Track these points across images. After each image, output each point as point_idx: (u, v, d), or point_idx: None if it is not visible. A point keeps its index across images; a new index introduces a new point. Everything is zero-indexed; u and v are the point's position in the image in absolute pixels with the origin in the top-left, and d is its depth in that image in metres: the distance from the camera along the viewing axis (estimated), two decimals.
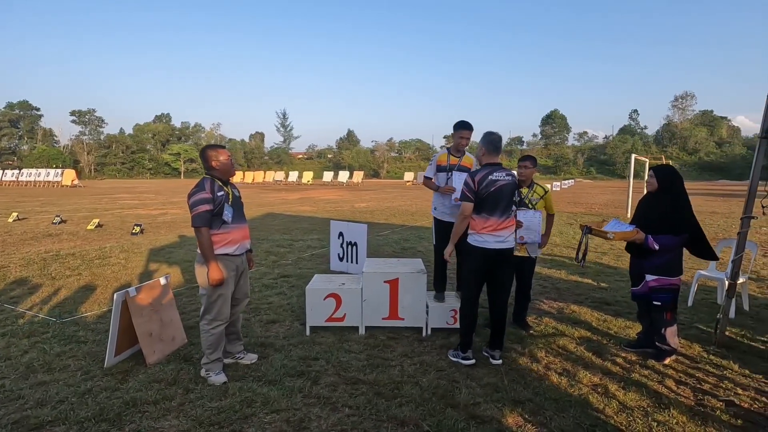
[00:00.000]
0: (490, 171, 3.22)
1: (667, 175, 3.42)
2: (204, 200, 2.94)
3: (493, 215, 3.21)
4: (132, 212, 14.72)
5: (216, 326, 3.07)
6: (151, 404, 2.73)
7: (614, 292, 5.35)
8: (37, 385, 2.96)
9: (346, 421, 2.60)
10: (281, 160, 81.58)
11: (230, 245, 3.08)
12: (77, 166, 62.25)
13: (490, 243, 3.24)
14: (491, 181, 3.19)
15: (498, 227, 3.23)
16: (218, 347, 3.10)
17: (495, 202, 3.20)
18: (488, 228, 3.23)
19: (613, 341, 3.82)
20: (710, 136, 73.60)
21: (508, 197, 3.26)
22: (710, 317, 4.32)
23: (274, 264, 6.74)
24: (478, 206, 3.25)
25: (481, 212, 3.24)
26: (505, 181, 3.23)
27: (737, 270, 3.74)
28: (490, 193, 3.19)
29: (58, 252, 7.57)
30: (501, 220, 3.23)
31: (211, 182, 3.04)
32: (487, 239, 3.24)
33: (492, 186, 3.19)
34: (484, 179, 3.19)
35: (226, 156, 3.11)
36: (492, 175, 3.20)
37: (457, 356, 3.39)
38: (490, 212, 3.21)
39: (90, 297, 5.00)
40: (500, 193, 3.21)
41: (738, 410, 2.73)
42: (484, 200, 3.21)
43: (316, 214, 14.59)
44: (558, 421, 2.60)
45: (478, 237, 3.26)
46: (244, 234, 3.21)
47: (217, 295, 3.03)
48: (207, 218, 2.95)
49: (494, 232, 3.23)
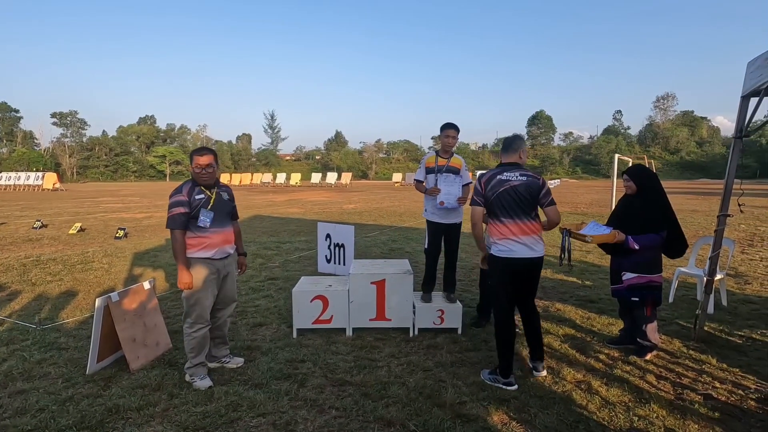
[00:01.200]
0: (500, 171, 3.02)
1: (643, 176, 3.50)
2: (179, 203, 2.95)
3: (508, 218, 2.95)
4: (116, 216, 14.47)
5: (197, 329, 3.05)
6: (135, 410, 2.69)
7: (598, 290, 5.45)
8: (16, 394, 2.90)
9: (333, 422, 2.60)
10: (269, 161, 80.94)
11: (208, 249, 3.04)
12: (59, 169, 60.92)
13: (516, 252, 2.95)
14: (500, 181, 2.96)
15: (519, 233, 2.95)
16: (201, 351, 3.08)
17: (506, 203, 2.95)
18: (507, 234, 2.96)
19: (596, 338, 3.89)
20: (691, 136, 75.24)
21: (524, 198, 2.95)
22: (690, 313, 4.43)
23: (261, 267, 6.69)
24: (489, 210, 3.03)
25: (493, 217, 3.01)
26: (518, 181, 2.95)
27: (715, 267, 3.84)
28: (499, 193, 2.96)
29: (38, 257, 7.41)
30: (520, 224, 2.95)
31: (191, 185, 3.03)
32: (512, 247, 2.95)
33: (501, 186, 2.96)
34: (491, 179, 2.99)
35: (203, 161, 3.00)
36: (501, 175, 2.98)
37: (496, 380, 3.04)
38: (503, 215, 2.97)
39: (72, 303, 4.90)
40: (512, 193, 2.95)
41: (716, 403, 2.81)
42: (493, 203, 2.98)
43: (304, 215, 14.52)
44: (542, 418, 2.64)
45: (501, 246, 2.98)
46: (226, 238, 3.15)
47: (195, 298, 3.03)
48: (180, 221, 2.95)
49: (517, 237, 2.95)
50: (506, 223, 2.97)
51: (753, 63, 3.37)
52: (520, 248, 2.96)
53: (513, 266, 2.99)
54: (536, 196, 2.98)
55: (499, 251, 3.00)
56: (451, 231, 4.13)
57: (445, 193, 3.97)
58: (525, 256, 2.96)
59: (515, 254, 2.96)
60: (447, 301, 4.13)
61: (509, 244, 2.97)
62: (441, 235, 4.12)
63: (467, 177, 4.20)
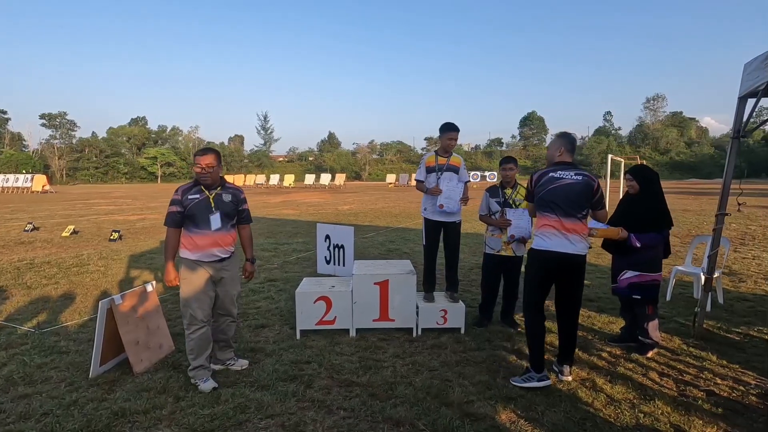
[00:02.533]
0: (554, 169, 3.01)
1: (647, 175, 3.54)
2: (173, 202, 3.03)
3: (553, 213, 2.95)
4: (108, 218, 14.31)
5: (192, 330, 3.04)
6: (141, 414, 2.67)
7: (596, 288, 5.50)
8: (18, 398, 2.86)
9: (342, 423, 2.60)
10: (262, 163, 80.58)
11: (193, 251, 3.04)
12: (48, 171, 60.05)
13: (553, 245, 2.93)
14: (551, 178, 2.97)
15: (561, 227, 2.93)
16: (201, 353, 3.04)
17: (554, 200, 2.94)
18: (548, 227, 2.97)
19: (598, 336, 3.93)
20: (680, 137, 76.26)
21: (575, 197, 2.94)
22: (688, 311, 4.49)
23: (260, 268, 6.66)
24: (537, 205, 3.06)
25: (540, 210, 3.04)
26: (572, 180, 2.95)
27: (714, 265, 3.90)
28: (548, 190, 2.96)
29: (32, 260, 7.31)
30: (564, 221, 2.93)
31: (187, 186, 3.07)
32: (549, 242, 2.95)
33: (551, 183, 2.96)
34: (542, 177, 3.01)
35: (203, 161, 2.99)
36: (555, 173, 2.99)
37: (530, 379, 2.98)
38: (549, 210, 2.97)
39: (70, 306, 4.85)
40: (562, 191, 2.94)
41: (718, 399, 2.86)
42: (541, 198, 3.00)
43: (300, 217, 14.48)
44: (549, 415, 2.67)
45: (538, 239, 3.00)
46: (215, 241, 3.06)
47: (184, 298, 3.05)
48: (174, 219, 3.01)
49: (557, 231, 2.94)
50: (550, 218, 2.97)
51: (750, 65, 3.44)
52: (556, 242, 2.94)
53: (546, 260, 2.98)
54: (586, 196, 2.99)
55: (536, 244, 3.02)
56: (449, 229, 4.15)
57: (445, 197, 3.99)
58: (560, 250, 2.94)
59: (550, 247, 2.95)
60: (450, 300, 4.15)
61: (550, 236, 2.96)
62: (438, 231, 4.14)
63: (465, 176, 4.23)
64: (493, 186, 4.25)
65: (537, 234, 3.06)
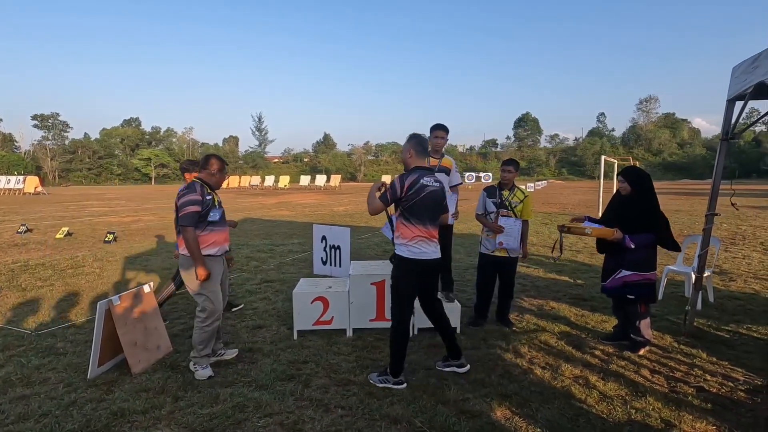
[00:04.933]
0: (421, 175, 2.95)
1: (639, 176, 3.61)
2: (194, 201, 3.11)
3: (422, 224, 2.96)
4: (102, 220, 14.24)
5: (210, 323, 3.23)
6: (140, 414, 2.69)
7: (590, 288, 5.57)
8: (17, 399, 2.87)
9: (340, 421, 2.63)
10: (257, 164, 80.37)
11: (212, 247, 3.26)
12: (40, 173, 59.56)
13: (428, 254, 2.98)
14: (422, 186, 2.91)
15: (430, 235, 3.00)
16: (209, 343, 3.26)
17: (425, 209, 2.95)
18: (419, 237, 2.95)
19: (591, 335, 3.99)
20: (673, 138, 77.04)
21: (438, 205, 3.04)
22: (679, 309, 4.57)
23: (257, 269, 6.68)
24: (406, 213, 2.95)
25: (410, 219, 2.94)
26: (435, 187, 2.98)
27: (703, 264, 3.98)
28: (420, 198, 2.91)
29: (26, 262, 7.27)
30: (430, 229, 3.00)
31: (201, 186, 3.21)
32: (424, 249, 2.97)
33: (422, 191, 2.91)
34: (414, 183, 2.89)
35: (226, 170, 3.41)
36: (423, 179, 2.94)
37: (386, 381, 3.02)
38: (419, 220, 2.94)
39: (66, 308, 4.84)
40: (430, 199, 2.96)
41: (708, 395, 2.92)
42: (412, 206, 2.92)
43: (295, 218, 14.49)
44: (544, 412, 2.72)
45: (414, 248, 2.94)
46: (225, 237, 3.41)
47: (210, 293, 3.20)
48: (194, 219, 3.11)
49: (429, 240, 2.99)
50: (420, 227, 2.95)
51: (738, 68, 3.52)
52: (430, 250, 3.00)
53: (424, 266, 3.00)
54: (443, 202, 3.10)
55: (411, 252, 2.96)
56: (443, 231, 4.18)
57: None
58: (434, 257, 3.03)
59: (426, 255, 2.98)
60: (445, 300, 4.18)
61: (422, 247, 2.97)
62: None
63: (457, 178, 4.26)
64: (491, 186, 4.28)
65: (409, 244, 2.95)
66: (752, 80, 3.23)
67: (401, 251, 2.99)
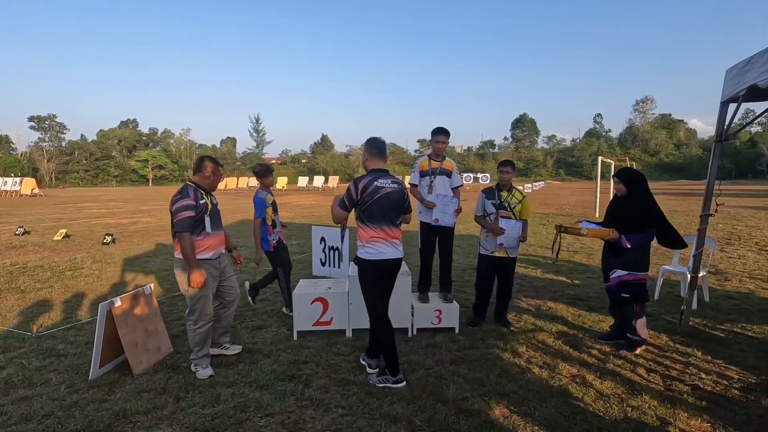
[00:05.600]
0: (375, 177, 2.98)
1: (633, 178, 3.66)
2: (187, 206, 3.11)
3: (379, 226, 2.98)
4: (100, 221, 14.21)
5: (201, 325, 3.26)
6: (142, 414, 2.71)
7: (587, 288, 5.62)
8: (19, 401, 2.89)
9: (341, 420, 2.66)
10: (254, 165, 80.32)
11: (207, 251, 3.26)
12: (37, 175, 59.33)
13: (387, 253, 3.01)
14: (376, 188, 2.95)
15: (388, 236, 3.02)
16: (205, 344, 3.30)
17: (380, 210, 2.97)
18: (376, 239, 2.99)
19: (588, 334, 4.03)
20: (669, 138, 77.40)
21: (396, 206, 3.04)
22: (675, 309, 4.62)
23: (255, 271, 6.69)
24: (362, 216, 3.00)
25: (365, 222, 2.99)
26: (391, 189, 2.99)
27: (698, 264, 4.03)
28: (374, 200, 2.94)
29: (25, 264, 7.27)
30: (390, 230, 3.03)
31: (194, 190, 3.20)
32: (381, 250, 3.00)
33: (377, 193, 2.94)
34: (368, 186, 2.94)
35: (220, 172, 3.41)
36: (377, 182, 2.97)
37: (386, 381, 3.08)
38: (375, 221, 2.97)
39: (65, 309, 4.85)
40: (386, 200, 2.98)
41: (703, 393, 2.96)
42: (368, 208, 2.96)
43: (293, 219, 14.50)
44: (541, 410, 2.75)
45: (371, 249, 3.00)
46: (221, 240, 3.41)
47: (199, 296, 3.21)
48: (189, 224, 3.12)
49: (387, 240, 3.02)
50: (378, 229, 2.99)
51: (731, 71, 3.57)
52: (388, 250, 3.03)
53: (384, 267, 3.06)
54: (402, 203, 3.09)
55: (368, 254, 3.01)
56: (444, 233, 4.24)
57: (440, 212, 4.08)
58: (394, 257, 3.06)
59: (385, 255, 3.02)
60: (444, 301, 4.23)
61: (380, 247, 3.01)
62: (434, 233, 4.22)
63: (458, 180, 4.32)
64: (489, 188, 4.33)
65: (366, 245, 3.01)
66: (745, 83, 3.28)
67: (360, 252, 3.07)
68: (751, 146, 66.80)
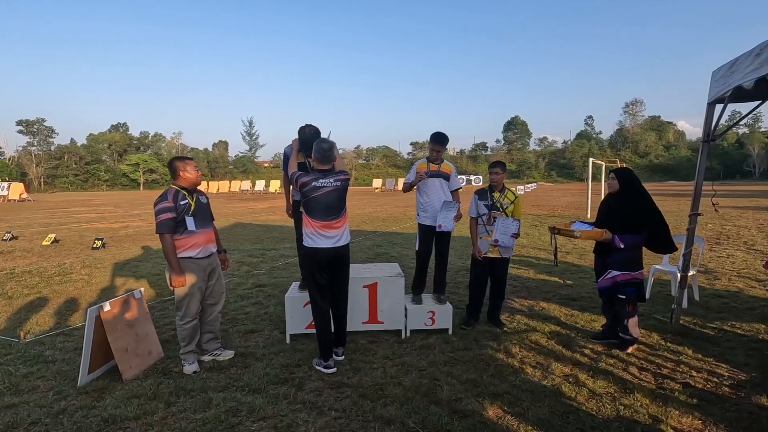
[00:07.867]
0: (316, 177, 3.27)
1: (627, 176, 3.69)
2: (166, 209, 3.21)
3: (315, 219, 3.27)
4: (90, 226, 14.05)
5: (186, 322, 3.36)
6: (132, 420, 2.67)
7: (579, 288, 5.65)
8: (5, 408, 2.83)
9: (334, 423, 2.64)
10: (247, 168, 79.94)
11: (192, 249, 3.33)
12: (25, 179, 58.52)
13: (320, 243, 3.29)
14: (314, 187, 3.23)
15: (324, 227, 3.28)
16: (192, 340, 3.39)
17: (318, 205, 3.26)
18: (310, 227, 3.29)
19: (580, 334, 4.05)
20: (659, 140, 78.36)
21: (334, 201, 3.30)
22: (666, 308, 4.66)
23: (248, 274, 6.65)
24: (303, 208, 3.34)
25: (307, 213, 3.32)
26: (332, 187, 3.28)
27: (688, 263, 4.07)
28: (313, 198, 3.24)
29: (12, 270, 7.15)
30: (327, 222, 3.29)
31: (174, 192, 3.29)
32: (316, 240, 3.29)
33: (314, 192, 3.23)
34: (307, 183, 3.24)
35: (192, 167, 3.39)
36: (317, 182, 3.25)
37: (319, 365, 3.37)
38: (314, 214, 3.27)
39: (53, 315, 4.77)
40: (324, 197, 3.26)
41: (694, 391, 2.99)
42: (307, 203, 3.28)
43: (287, 222, 14.43)
44: (535, 410, 2.76)
45: (308, 239, 3.32)
46: (209, 238, 3.47)
47: (184, 294, 3.33)
48: (169, 225, 3.21)
49: (316, 231, 3.28)
50: (315, 221, 3.29)
51: (717, 72, 3.62)
52: (322, 239, 3.31)
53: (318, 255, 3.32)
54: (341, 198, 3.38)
55: (305, 242, 3.35)
56: (442, 235, 4.23)
57: (443, 218, 4.07)
58: (326, 246, 3.31)
59: (318, 244, 3.31)
60: (437, 302, 4.23)
61: (315, 237, 3.31)
62: (432, 236, 4.21)
63: (456, 183, 4.32)
64: (481, 189, 4.34)
65: (306, 234, 3.34)
66: (730, 84, 3.33)
67: (303, 240, 3.39)
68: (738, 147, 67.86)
